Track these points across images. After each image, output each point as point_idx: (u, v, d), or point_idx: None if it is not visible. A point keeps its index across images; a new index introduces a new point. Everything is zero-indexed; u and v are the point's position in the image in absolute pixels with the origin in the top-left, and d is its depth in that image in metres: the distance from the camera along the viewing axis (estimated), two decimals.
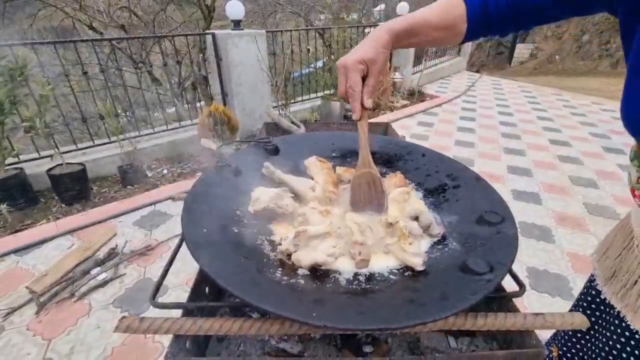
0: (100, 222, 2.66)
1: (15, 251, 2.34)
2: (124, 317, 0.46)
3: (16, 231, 2.58)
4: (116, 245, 2.37)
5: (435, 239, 0.64)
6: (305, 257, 0.53)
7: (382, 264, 0.54)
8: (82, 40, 3.41)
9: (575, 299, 0.91)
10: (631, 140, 0.67)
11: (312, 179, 0.78)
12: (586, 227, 2.72)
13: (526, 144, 4.39)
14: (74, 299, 1.97)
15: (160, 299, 0.52)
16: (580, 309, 0.81)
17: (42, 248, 2.39)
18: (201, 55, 4.17)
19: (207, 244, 0.50)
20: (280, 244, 0.57)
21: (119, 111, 4.83)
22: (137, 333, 0.45)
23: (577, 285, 2.07)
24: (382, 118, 5.24)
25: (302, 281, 0.48)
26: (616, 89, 7.37)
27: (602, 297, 0.73)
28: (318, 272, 0.51)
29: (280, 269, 0.51)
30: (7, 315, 1.87)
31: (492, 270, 0.46)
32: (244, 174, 0.74)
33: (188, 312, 0.54)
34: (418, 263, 0.51)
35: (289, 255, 0.55)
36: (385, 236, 0.57)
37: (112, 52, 4.74)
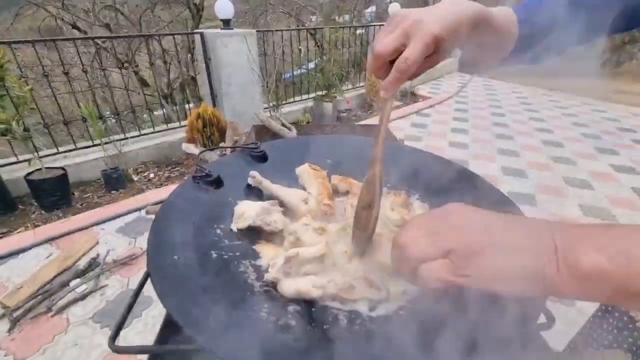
0: (81, 229, 2.52)
1: None
2: None
3: None
4: (98, 255, 2.25)
5: None
6: (288, 288, 0.44)
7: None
8: (63, 39, 3.27)
9: (591, 322, 0.81)
10: (624, 141, 0.58)
11: (305, 189, 0.69)
12: None
13: (520, 145, 4.36)
14: (51, 314, 1.85)
15: (135, 321, 0.42)
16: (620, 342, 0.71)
17: (19, 258, 2.25)
18: (189, 55, 4.05)
19: (177, 276, 0.41)
20: (267, 271, 0.48)
21: (106, 113, 4.68)
22: None
23: None
24: (376, 119, 5.18)
25: (293, 321, 0.40)
26: (605, 90, 7.44)
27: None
28: (313, 307, 0.42)
29: (266, 304, 0.42)
30: None
31: (520, 303, 0.38)
32: (227, 185, 0.65)
33: (155, 357, 0.45)
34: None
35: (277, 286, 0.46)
36: None
37: (97, 52, 4.59)
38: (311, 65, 5.73)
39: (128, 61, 4.67)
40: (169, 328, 0.51)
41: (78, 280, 2.06)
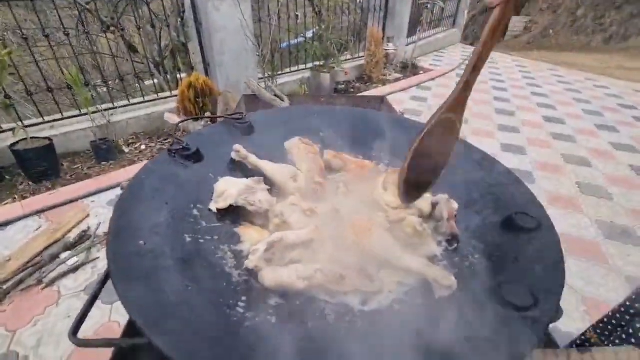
0: (71, 201, 2.47)
1: None
2: None
3: None
4: (88, 227, 2.21)
5: (446, 241, 0.51)
6: (270, 277, 0.39)
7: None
8: None
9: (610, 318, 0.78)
10: (625, 119, 0.53)
11: (295, 165, 0.63)
12: (579, 207, 2.67)
13: (521, 121, 4.28)
14: (42, 286, 1.83)
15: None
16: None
17: (7, 230, 2.21)
18: (179, 19, 3.82)
19: (141, 266, 0.36)
20: (248, 258, 0.43)
21: (97, 82, 4.47)
22: None
23: (571, 270, 2.03)
24: (375, 92, 5.03)
25: (273, 318, 0.35)
26: (607, 67, 7.26)
27: None
28: (297, 302, 0.38)
29: (244, 297, 0.37)
30: None
31: (537, 304, 0.33)
32: (208, 159, 0.59)
33: (121, 351, 0.41)
34: (450, 284, 0.39)
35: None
36: (397, 245, 0.44)
37: (80, 15, 4.32)
38: (309, 33, 5.48)
39: (114, 25, 4.41)
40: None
41: (68, 252, 2.03)
